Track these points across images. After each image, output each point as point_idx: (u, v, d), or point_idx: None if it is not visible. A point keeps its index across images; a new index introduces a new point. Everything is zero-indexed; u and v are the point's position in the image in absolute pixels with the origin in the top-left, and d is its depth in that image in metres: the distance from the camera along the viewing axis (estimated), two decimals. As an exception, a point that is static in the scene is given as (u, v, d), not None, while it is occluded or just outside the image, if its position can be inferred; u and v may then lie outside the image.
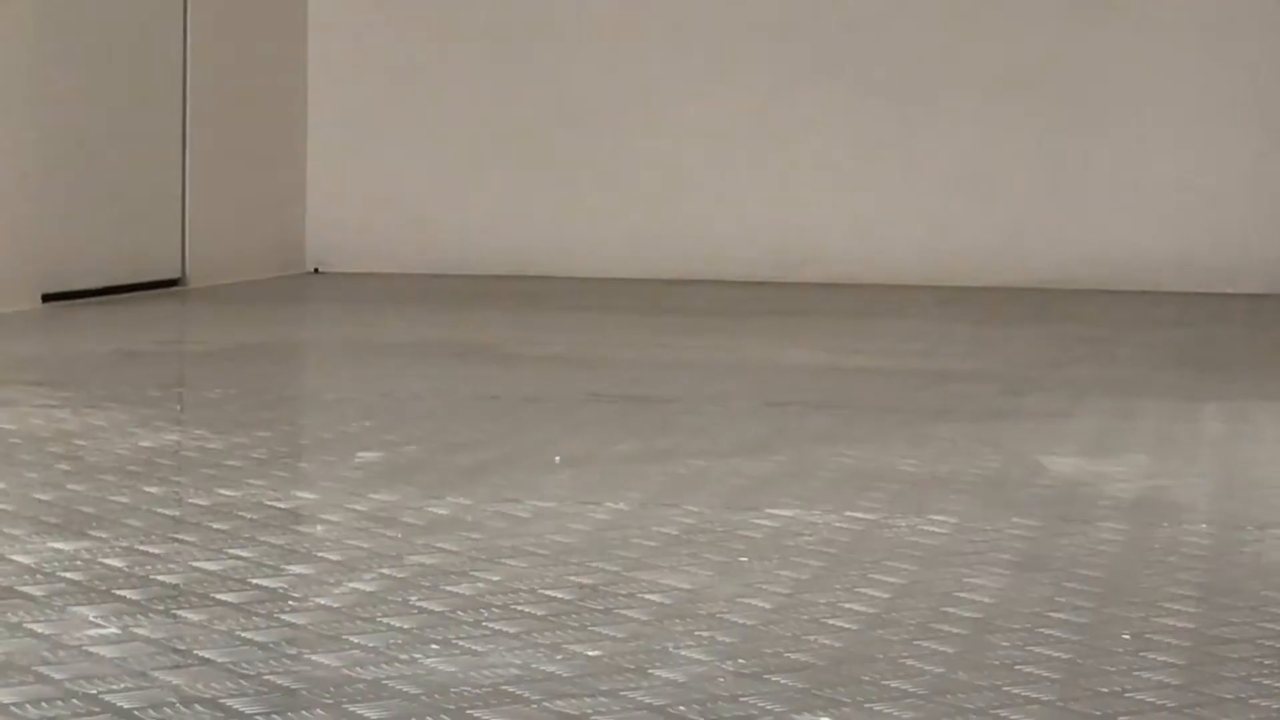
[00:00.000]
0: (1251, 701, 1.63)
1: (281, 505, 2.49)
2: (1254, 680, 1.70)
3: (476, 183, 6.91)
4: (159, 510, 2.43)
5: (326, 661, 1.73)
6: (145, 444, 2.94)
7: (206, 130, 6.17)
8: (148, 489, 2.58)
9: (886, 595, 2.00)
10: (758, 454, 2.94)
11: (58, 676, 1.68)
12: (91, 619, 1.87)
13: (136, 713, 1.58)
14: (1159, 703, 1.63)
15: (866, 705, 1.61)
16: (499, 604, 1.95)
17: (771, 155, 6.72)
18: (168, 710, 1.59)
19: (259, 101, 6.64)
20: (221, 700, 1.61)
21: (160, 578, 2.05)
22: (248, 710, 1.59)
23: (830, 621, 1.89)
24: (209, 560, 2.13)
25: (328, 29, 6.99)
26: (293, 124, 6.88)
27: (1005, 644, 1.82)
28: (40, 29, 5.46)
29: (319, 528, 2.37)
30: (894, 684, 1.67)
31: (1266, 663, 1.76)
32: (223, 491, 2.56)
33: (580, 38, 6.90)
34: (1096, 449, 3.02)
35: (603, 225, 6.79)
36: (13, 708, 1.59)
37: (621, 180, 6.82)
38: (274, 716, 1.57)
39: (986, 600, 1.98)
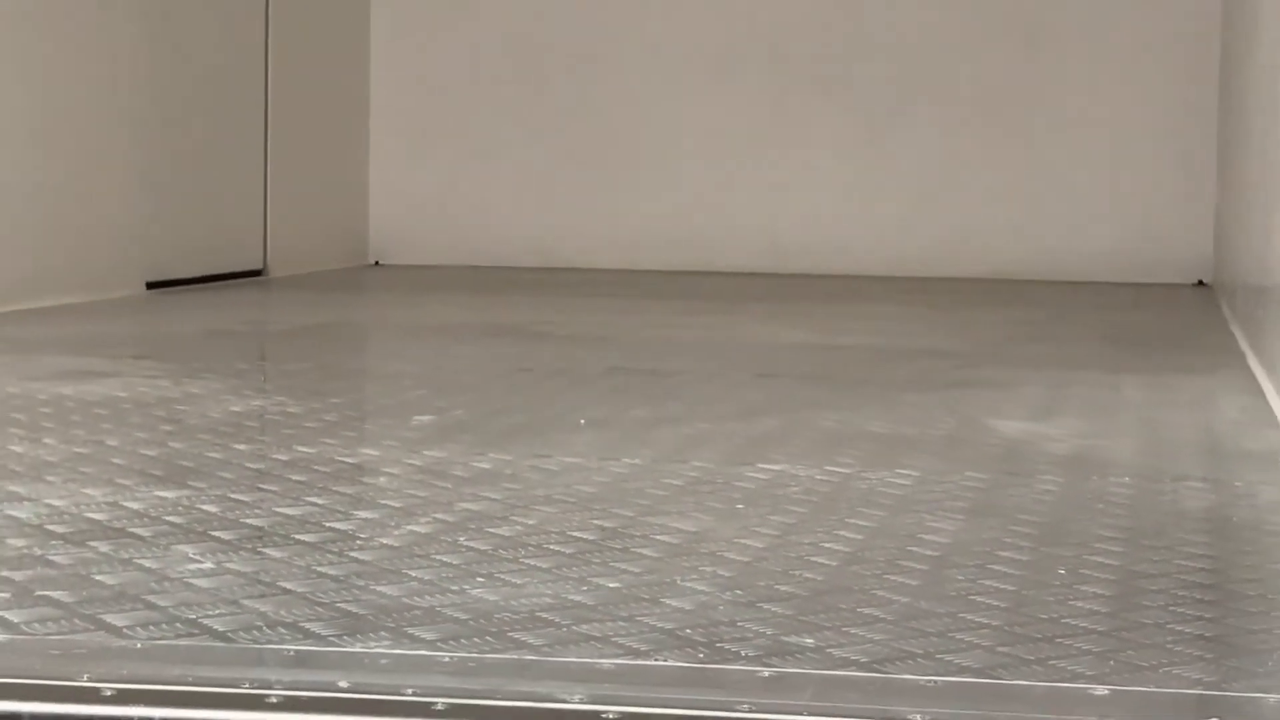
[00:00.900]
0: (1168, 626, 1.63)
1: (350, 460, 2.50)
2: (1170, 609, 1.70)
3: (516, 186, 6.89)
4: (246, 464, 2.43)
5: (388, 591, 1.73)
6: (235, 408, 2.94)
7: (284, 138, 6.16)
8: (237, 446, 2.58)
9: (860, 537, 2.00)
10: (751, 418, 2.95)
11: (163, 604, 1.68)
12: (190, 555, 1.87)
13: (229, 634, 1.58)
14: (1090, 627, 1.62)
15: (844, 629, 1.61)
16: (534, 543, 1.95)
17: (765, 164, 6.77)
18: (255, 632, 1.59)
19: (328, 112, 6.63)
20: (300, 624, 1.61)
21: (248, 521, 2.05)
22: (322, 632, 1.59)
23: (813, 559, 1.89)
24: (289, 506, 2.14)
25: (387, 49, 6.97)
26: (357, 132, 6.87)
27: (960, 578, 1.82)
28: (148, 51, 5.43)
29: (381, 479, 2.37)
30: (866, 611, 1.67)
31: (1180, 594, 1.76)
32: (300, 448, 2.56)
33: (607, 65, 6.91)
34: (1037, 413, 3.03)
35: (622, 224, 6.83)
36: (125, 630, 1.59)
37: (637, 186, 6.84)
38: (344, 638, 1.57)
39: (944, 541, 1.98)
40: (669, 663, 1.51)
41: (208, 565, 1.82)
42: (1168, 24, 6.49)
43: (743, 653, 1.53)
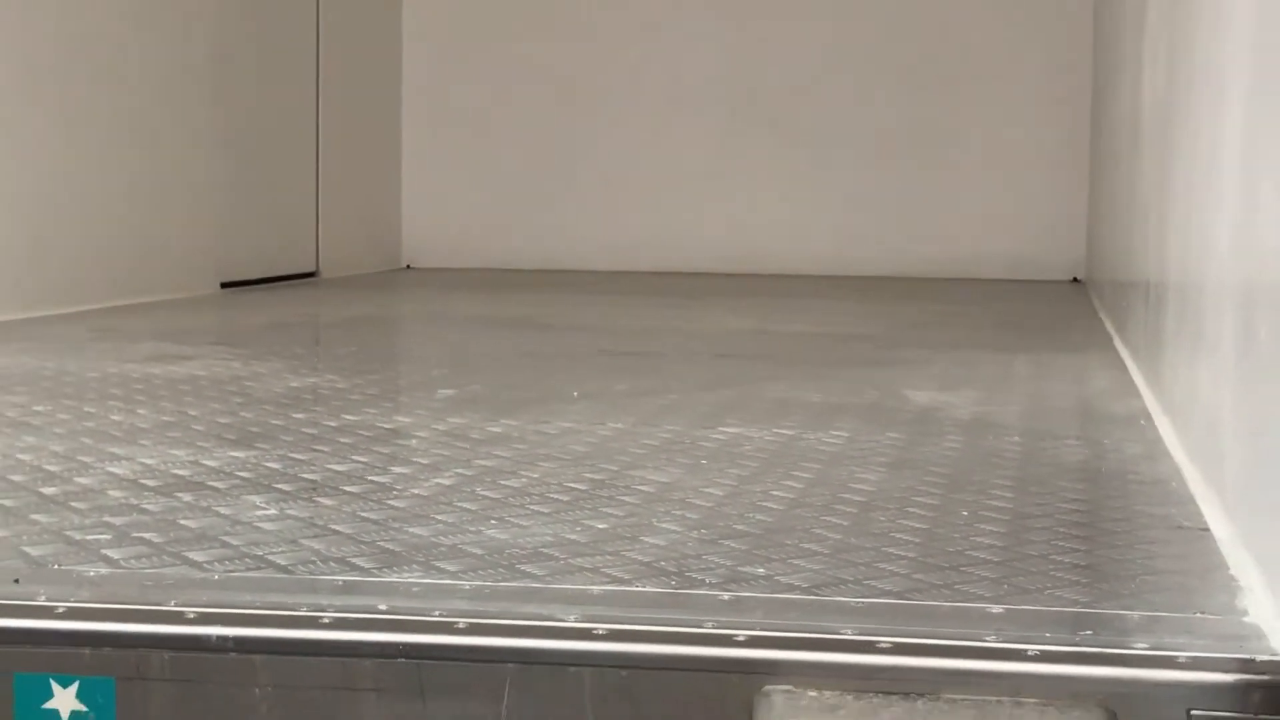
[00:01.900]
0: (1050, 557, 1.64)
1: (387, 426, 2.50)
2: (1053, 543, 1.71)
3: (527, 200, 6.86)
4: (303, 429, 2.43)
5: (419, 532, 1.73)
6: (293, 384, 2.95)
7: (332, 158, 6.13)
8: (295, 415, 2.58)
9: (801, 485, 2.00)
10: (713, 390, 2.96)
11: (235, 543, 1.68)
12: (257, 504, 1.87)
13: (289, 567, 1.58)
14: (987, 558, 1.63)
15: (788, 561, 1.61)
16: (537, 493, 1.95)
17: (729, 185, 6.84)
18: (311, 566, 1.59)
19: (368, 136, 6.59)
20: (348, 559, 1.61)
21: (304, 475, 2.06)
22: (365, 565, 1.59)
23: (763, 504, 1.89)
24: (337, 463, 2.14)
25: (417, 83, 6.92)
26: (392, 153, 6.82)
27: (883, 519, 1.82)
28: (220, 81, 5.38)
29: (412, 441, 2.38)
30: (807, 546, 1.67)
31: (1060, 530, 1.77)
32: (346, 416, 2.56)
33: (606, 101, 6.91)
34: (943, 385, 3.03)
35: (615, 233, 6.84)
36: (204, 564, 1.59)
37: (629, 201, 6.84)
38: (383, 570, 1.57)
39: (869, 489, 1.99)
40: (647, 589, 1.51)
41: (271, 512, 1.83)
42: (1047, 58, 6.48)
43: (706, 580, 1.53)
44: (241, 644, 1.37)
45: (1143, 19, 3.55)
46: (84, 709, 1.38)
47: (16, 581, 1.52)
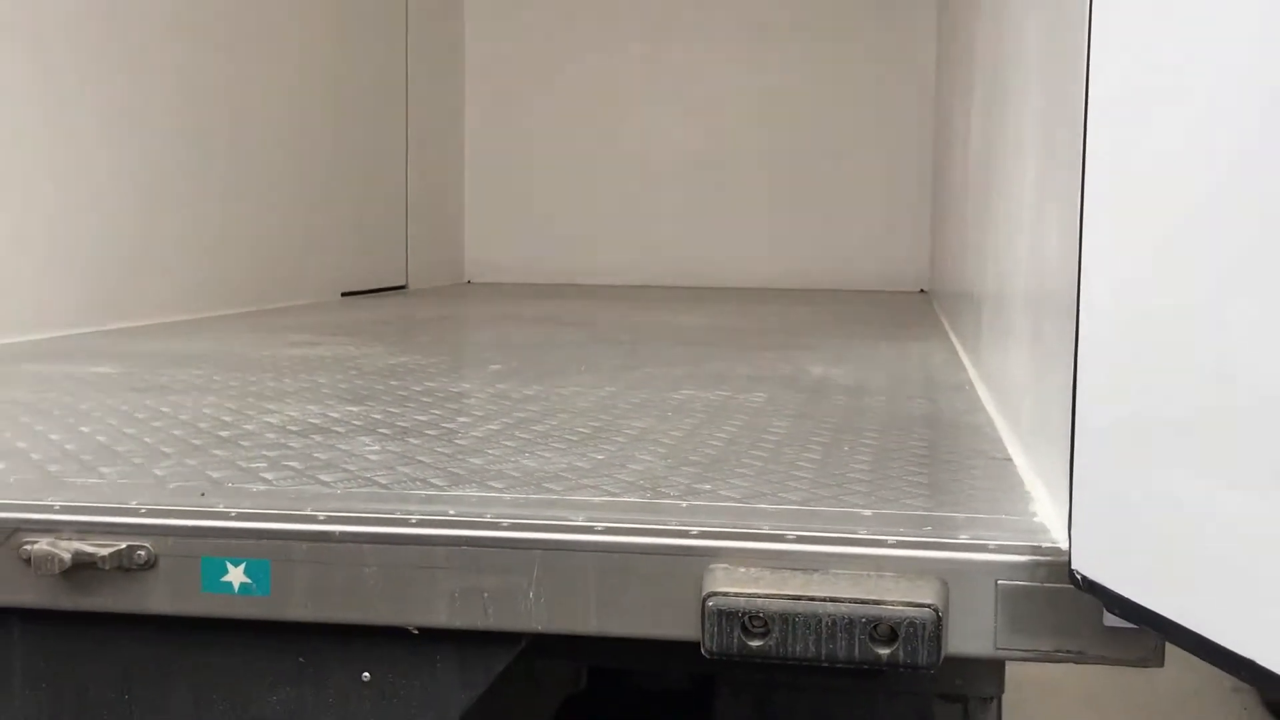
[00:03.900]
0: (904, 477, 1.64)
1: (454, 389, 2.49)
2: (905, 468, 1.70)
3: (568, 223, 6.59)
4: (397, 391, 2.43)
5: (475, 461, 1.73)
6: (390, 362, 2.95)
7: (415, 189, 5.95)
8: (391, 382, 2.58)
9: (734, 430, 2.01)
10: (675, 366, 2.95)
11: (351, 468, 1.67)
12: (366, 443, 1.87)
13: (389, 485, 1.58)
14: (860, 478, 1.63)
15: (726, 480, 1.61)
16: (556, 435, 1.95)
17: (691, 223, 6.54)
18: (402, 484, 1.58)
19: (439, 169, 6.32)
20: (428, 479, 1.61)
21: (398, 423, 2.06)
22: (439, 483, 1.58)
23: (709, 442, 1.89)
24: (420, 415, 2.14)
25: (474, 121, 6.63)
26: (456, 184, 6.54)
27: (789, 451, 1.82)
28: (338, 122, 5.15)
29: (470, 400, 2.37)
30: (739, 470, 1.68)
31: (911, 460, 1.77)
32: (426, 383, 2.56)
33: (616, 156, 6.58)
34: (831, 363, 3.03)
35: (611, 256, 6.59)
36: (330, 483, 1.58)
37: (626, 234, 6.60)
38: (452, 486, 1.57)
39: (781, 433, 1.99)
40: (630, 499, 1.51)
41: (376, 448, 1.83)
42: (900, 131, 6.26)
43: (670, 493, 1.54)
44: (355, 537, 1.38)
45: (970, 96, 3.55)
46: (249, 581, 1.39)
47: (203, 495, 1.52)
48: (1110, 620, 1.26)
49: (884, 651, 1.24)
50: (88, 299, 3.66)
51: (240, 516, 1.41)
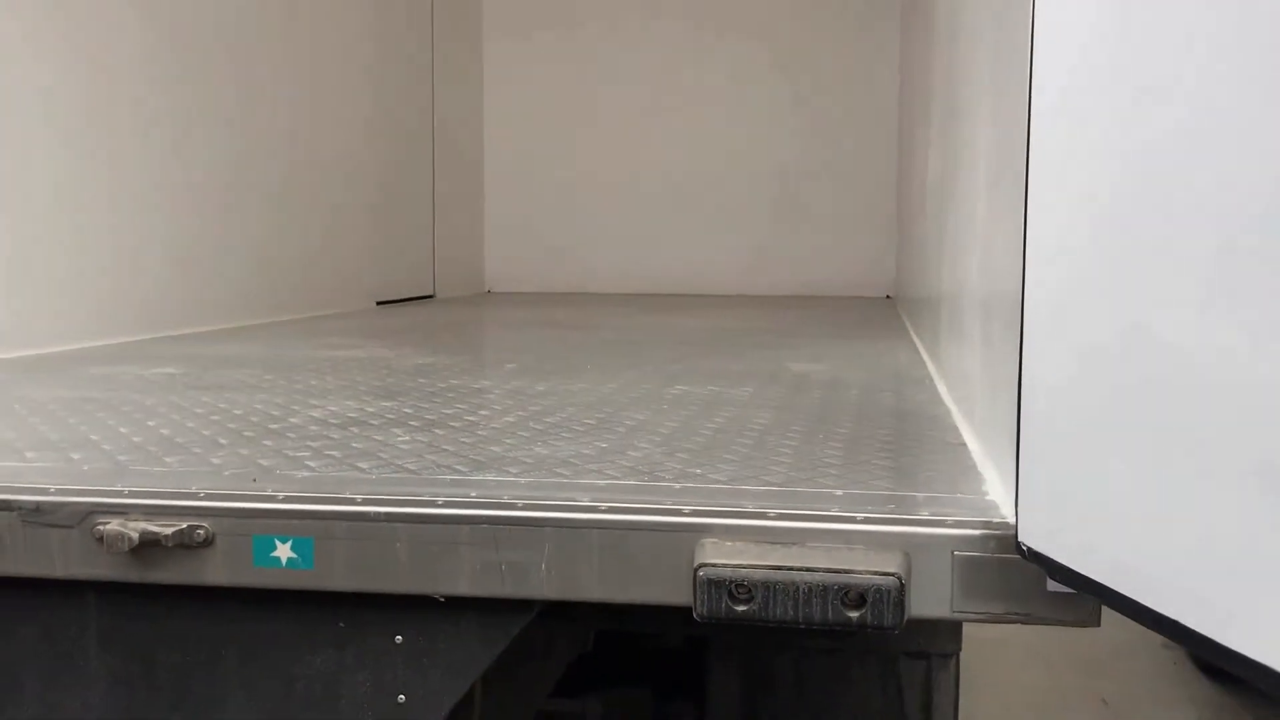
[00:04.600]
0: (872, 461, 1.63)
1: (475, 386, 2.49)
2: (875, 452, 1.70)
3: (578, 239, 6.56)
4: (424, 388, 2.43)
5: (495, 449, 1.72)
6: (418, 362, 2.94)
7: (441, 205, 5.90)
8: (420, 380, 2.58)
9: (723, 421, 2.00)
10: (671, 364, 2.94)
11: (384, 456, 1.67)
12: (398, 434, 1.87)
13: (417, 470, 1.57)
14: (834, 462, 1.63)
15: (715, 465, 1.61)
16: (565, 426, 1.94)
17: (687, 238, 6.54)
18: (431, 469, 1.58)
19: (462, 189, 6.27)
20: (453, 465, 1.61)
21: (426, 416, 2.05)
22: (462, 469, 1.58)
23: (700, 432, 1.89)
24: (445, 409, 2.14)
25: (493, 146, 6.59)
26: (476, 204, 6.49)
27: (771, 439, 1.82)
28: (374, 142, 5.10)
29: (490, 395, 2.36)
30: (726, 456, 1.67)
31: (879, 446, 1.76)
32: (451, 380, 2.56)
33: (621, 179, 6.51)
34: (811, 360, 3.03)
35: (620, 267, 6.56)
36: (366, 469, 1.58)
37: (631, 247, 6.56)
38: (474, 471, 1.57)
39: (764, 423, 1.99)
40: (630, 482, 1.51)
41: (406, 438, 1.82)
42: (870, 158, 6.23)
43: (666, 477, 1.54)
44: (389, 516, 1.38)
45: (928, 124, 3.55)
46: (295, 556, 1.39)
47: (254, 480, 1.53)
48: (1053, 586, 1.26)
49: (854, 615, 1.24)
50: (153, 308, 3.66)
51: (287, 499, 1.41)
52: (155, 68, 3.60)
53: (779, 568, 1.25)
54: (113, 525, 1.39)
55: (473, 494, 1.42)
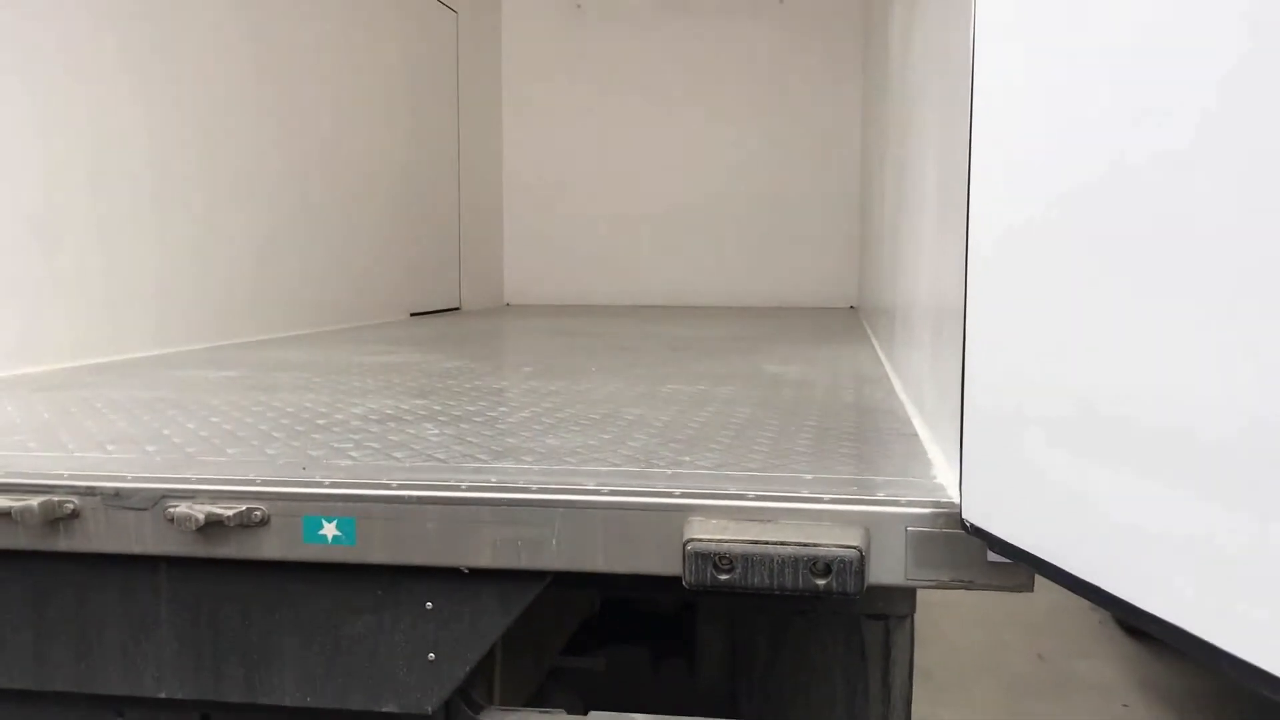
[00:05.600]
0: (837, 449, 1.63)
1: (496, 386, 2.48)
2: (839, 442, 1.70)
3: (590, 256, 6.48)
4: (452, 389, 2.42)
5: (512, 441, 1.72)
6: (447, 365, 2.93)
7: (466, 225, 5.83)
8: (449, 381, 2.57)
9: (708, 415, 2.00)
10: (664, 366, 2.93)
11: (417, 447, 1.67)
12: (429, 428, 1.86)
13: (446, 459, 1.57)
14: (804, 451, 1.63)
15: (702, 453, 1.61)
16: (573, 420, 1.94)
17: (681, 256, 6.52)
18: (457, 458, 1.58)
19: (483, 209, 6.19)
20: (475, 455, 1.60)
21: (453, 413, 2.05)
22: (484, 458, 1.58)
23: (689, 425, 1.89)
24: (470, 405, 2.13)
25: (511, 169, 6.53)
26: (496, 223, 6.41)
27: (751, 431, 1.81)
28: (408, 174, 5.01)
29: (508, 394, 2.35)
30: (712, 446, 1.67)
31: (842, 436, 1.76)
32: (475, 381, 2.55)
33: (626, 200, 6.43)
34: (783, 362, 3.02)
35: (623, 281, 6.47)
36: (400, 459, 1.58)
37: (632, 264, 6.50)
38: (495, 460, 1.56)
39: (744, 417, 1.98)
40: (629, 468, 1.51)
41: (435, 432, 1.82)
42: (840, 186, 6.20)
43: (659, 464, 1.54)
44: (420, 499, 1.38)
45: (885, 156, 3.55)
46: (339, 534, 1.39)
47: (304, 469, 1.53)
48: (993, 557, 1.27)
49: (821, 582, 1.24)
50: (222, 320, 3.67)
51: (333, 485, 1.41)
52: (241, 105, 3.63)
53: (757, 542, 1.26)
54: (181, 508, 1.40)
55: (493, 479, 1.43)
